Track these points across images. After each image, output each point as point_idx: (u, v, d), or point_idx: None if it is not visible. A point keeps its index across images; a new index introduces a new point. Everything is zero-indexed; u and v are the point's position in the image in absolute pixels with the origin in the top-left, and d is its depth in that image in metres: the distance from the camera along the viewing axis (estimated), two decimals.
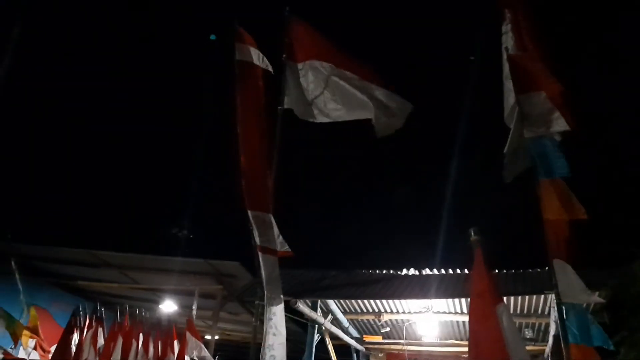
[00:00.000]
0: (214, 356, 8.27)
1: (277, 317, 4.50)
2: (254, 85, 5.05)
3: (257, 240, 4.47)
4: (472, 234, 4.29)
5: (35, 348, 8.60)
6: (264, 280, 4.48)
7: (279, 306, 4.55)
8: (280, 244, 4.50)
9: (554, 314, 7.31)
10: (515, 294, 7.88)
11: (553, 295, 6.21)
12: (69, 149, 20.26)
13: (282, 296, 4.60)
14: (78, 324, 7.87)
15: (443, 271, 9.50)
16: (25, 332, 8.67)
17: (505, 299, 5.31)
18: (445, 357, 11.06)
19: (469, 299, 8.62)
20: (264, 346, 4.36)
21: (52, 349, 8.41)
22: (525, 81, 4.64)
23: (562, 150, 4.43)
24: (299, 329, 10.57)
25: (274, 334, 4.45)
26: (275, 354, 4.41)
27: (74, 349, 7.70)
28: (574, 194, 4.30)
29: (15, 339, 8.74)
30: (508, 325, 4.01)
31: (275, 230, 4.53)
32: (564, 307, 4.26)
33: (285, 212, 4.67)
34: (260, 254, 4.49)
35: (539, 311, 8.79)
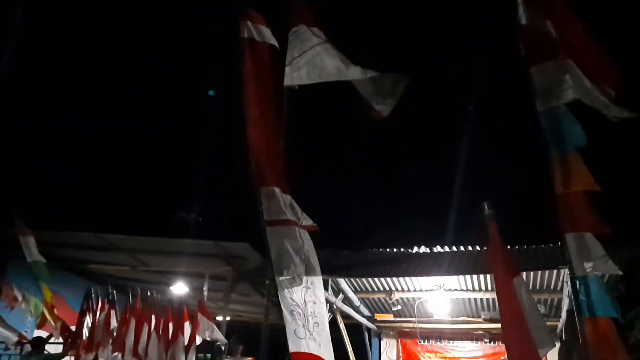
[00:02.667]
0: (229, 338, 8.29)
1: (315, 287, 4.48)
2: (262, 63, 4.94)
3: (273, 215, 4.41)
4: (486, 208, 4.23)
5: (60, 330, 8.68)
6: (292, 254, 4.44)
7: (316, 276, 4.53)
8: (305, 220, 4.45)
9: (567, 288, 7.26)
10: (528, 270, 7.82)
11: (566, 270, 6.17)
12: (78, 133, 20.27)
13: (317, 266, 4.57)
14: (91, 307, 7.93)
15: (454, 248, 9.45)
16: (52, 313, 8.78)
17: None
18: (457, 334, 11.09)
19: (481, 276, 8.71)
20: (302, 317, 4.32)
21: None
22: (536, 52, 4.53)
23: (575, 120, 4.33)
24: None
25: (314, 302, 4.43)
26: (317, 320, 4.41)
27: (87, 331, 7.77)
28: (587, 166, 4.20)
29: (42, 322, 8.85)
30: (526, 298, 3.98)
31: (297, 207, 4.47)
32: (579, 280, 4.20)
33: (295, 192, 4.58)
34: (279, 227, 4.43)
35: (552, 287, 8.74)
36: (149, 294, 7.95)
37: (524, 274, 7.83)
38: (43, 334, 9.10)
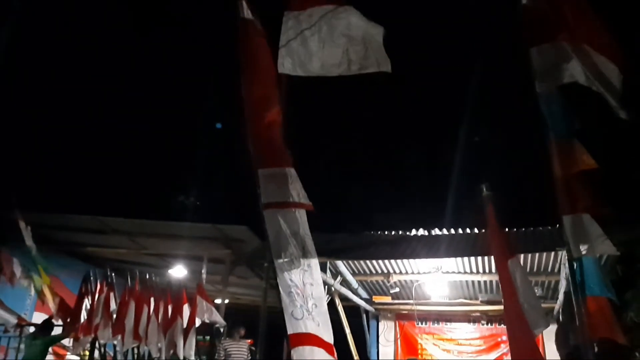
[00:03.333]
0: (227, 320, 8.33)
1: (312, 269, 4.48)
2: (260, 43, 4.87)
3: (272, 198, 4.38)
4: (484, 190, 4.23)
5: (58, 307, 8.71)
6: (290, 237, 4.42)
7: (313, 259, 4.52)
8: (304, 198, 4.41)
9: (564, 270, 7.29)
10: (526, 252, 7.83)
11: (564, 252, 6.19)
12: (75, 116, 20.18)
13: (314, 249, 4.56)
14: (90, 290, 7.96)
15: (452, 231, 9.47)
16: (51, 290, 8.82)
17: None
18: (454, 316, 11.17)
19: (479, 258, 8.74)
20: (301, 298, 4.33)
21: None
22: (536, 33, 4.48)
23: (570, 106, 4.31)
24: None
25: (312, 284, 4.43)
26: (316, 302, 4.42)
27: (85, 314, 7.81)
28: (586, 148, 4.19)
29: (43, 298, 8.88)
30: (521, 279, 3.99)
31: (299, 184, 4.42)
32: (576, 262, 4.21)
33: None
34: (278, 211, 4.41)
35: (549, 269, 8.78)
36: (147, 276, 7.97)
37: (522, 256, 7.87)
38: (43, 316, 9.14)
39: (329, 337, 4.39)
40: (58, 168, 18.29)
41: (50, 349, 8.37)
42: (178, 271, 10.93)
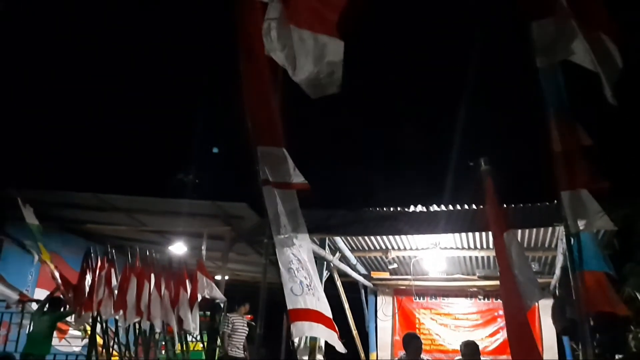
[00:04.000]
0: (227, 296, 8.42)
1: (304, 248, 4.52)
2: (258, 18, 4.81)
3: (270, 176, 4.39)
4: (482, 164, 4.25)
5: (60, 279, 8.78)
6: (288, 216, 4.44)
7: (304, 238, 4.55)
8: (296, 177, 4.42)
9: (561, 245, 7.35)
10: (523, 227, 7.88)
11: (561, 227, 6.24)
12: (76, 93, 20.06)
13: (305, 227, 4.58)
14: (91, 266, 8.00)
15: (451, 207, 9.50)
16: (52, 265, 8.89)
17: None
18: (452, 292, 11.28)
19: (476, 234, 8.79)
20: (300, 273, 4.37)
21: None
22: (537, 7, 4.44)
23: (568, 83, 4.30)
24: None
25: (307, 260, 4.49)
26: (313, 278, 4.48)
27: (87, 290, 7.87)
28: (583, 123, 4.20)
29: (46, 268, 8.96)
30: (516, 252, 4.04)
31: (290, 163, 4.43)
32: (574, 237, 4.25)
33: (291, 152, 4.54)
34: (275, 189, 4.43)
35: (546, 244, 8.85)
36: (148, 253, 8.01)
37: (519, 231, 7.92)
38: (45, 292, 9.22)
39: (327, 310, 4.45)
40: (57, 145, 18.26)
41: (55, 326, 8.48)
42: (178, 248, 10.99)
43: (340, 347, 4.52)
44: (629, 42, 3.93)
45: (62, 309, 8.30)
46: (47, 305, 8.23)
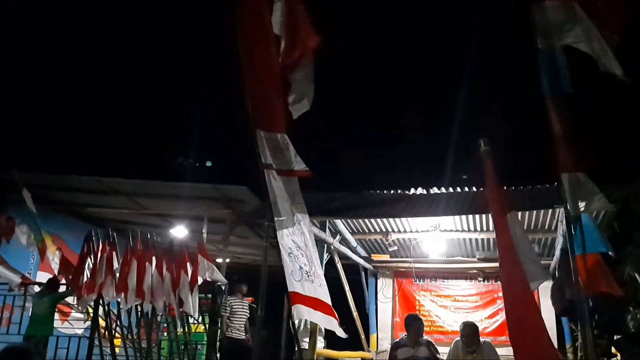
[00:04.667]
0: (228, 279, 8.47)
1: (305, 234, 4.53)
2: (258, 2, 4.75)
3: (272, 162, 4.38)
4: (482, 144, 4.23)
5: (60, 263, 8.84)
6: (289, 201, 4.45)
7: (305, 223, 4.57)
8: (297, 164, 4.41)
9: (561, 227, 7.37)
10: (523, 209, 7.88)
11: (561, 209, 6.25)
12: (76, 74, 19.97)
13: (306, 212, 4.60)
14: (92, 249, 8.04)
15: (451, 190, 9.51)
16: (50, 243, 8.93)
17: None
18: (452, 274, 11.34)
19: (476, 216, 8.81)
20: (300, 259, 4.39)
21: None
22: None
23: (568, 66, 4.27)
24: None
25: (306, 245, 4.51)
26: (314, 263, 4.51)
27: (88, 273, 7.91)
28: (584, 106, 4.18)
29: (42, 253, 9.00)
30: (519, 233, 4.04)
31: (292, 150, 4.41)
32: (573, 219, 4.26)
33: (292, 135, 4.53)
34: (274, 175, 4.42)
35: (546, 226, 8.87)
36: (149, 236, 8.05)
37: (519, 213, 7.93)
38: (46, 275, 9.28)
39: (327, 297, 4.47)
40: (58, 128, 18.22)
41: (56, 307, 8.55)
42: (179, 231, 11.03)
43: (340, 333, 4.56)
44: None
45: (59, 290, 8.38)
46: (45, 287, 8.32)
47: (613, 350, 7.13)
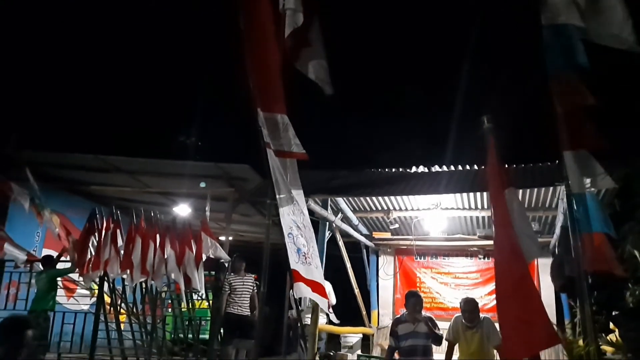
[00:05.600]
0: (231, 256, 8.54)
1: (303, 214, 4.58)
2: None
3: (271, 143, 4.40)
4: (485, 122, 4.24)
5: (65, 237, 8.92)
6: (287, 181, 4.48)
7: (303, 204, 4.62)
8: (296, 146, 4.43)
9: (562, 205, 7.41)
10: (524, 187, 7.91)
11: (562, 187, 6.27)
12: (77, 54, 19.86)
13: (303, 194, 4.65)
14: (96, 226, 8.09)
15: (452, 168, 9.53)
16: (54, 215, 9.01)
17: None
18: (452, 251, 11.42)
19: (477, 194, 8.85)
20: (299, 240, 4.45)
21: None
22: None
23: (578, 41, 4.24)
24: None
25: (305, 226, 4.57)
26: (311, 244, 4.57)
27: (92, 250, 7.97)
28: (586, 83, 4.17)
29: (40, 218, 9.08)
30: (517, 208, 4.07)
31: (291, 132, 4.43)
32: (575, 197, 4.29)
33: (294, 113, 4.53)
34: (273, 155, 4.44)
35: (547, 204, 8.91)
36: (152, 214, 8.09)
37: (520, 191, 7.97)
38: (52, 252, 9.35)
39: (321, 279, 4.55)
40: (61, 106, 18.20)
41: (60, 284, 8.64)
42: (182, 209, 11.09)
43: (333, 318, 4.65)
44: None
45: (57, 267, 8.48)
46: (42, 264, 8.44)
47: (611, 325, 7.24)
